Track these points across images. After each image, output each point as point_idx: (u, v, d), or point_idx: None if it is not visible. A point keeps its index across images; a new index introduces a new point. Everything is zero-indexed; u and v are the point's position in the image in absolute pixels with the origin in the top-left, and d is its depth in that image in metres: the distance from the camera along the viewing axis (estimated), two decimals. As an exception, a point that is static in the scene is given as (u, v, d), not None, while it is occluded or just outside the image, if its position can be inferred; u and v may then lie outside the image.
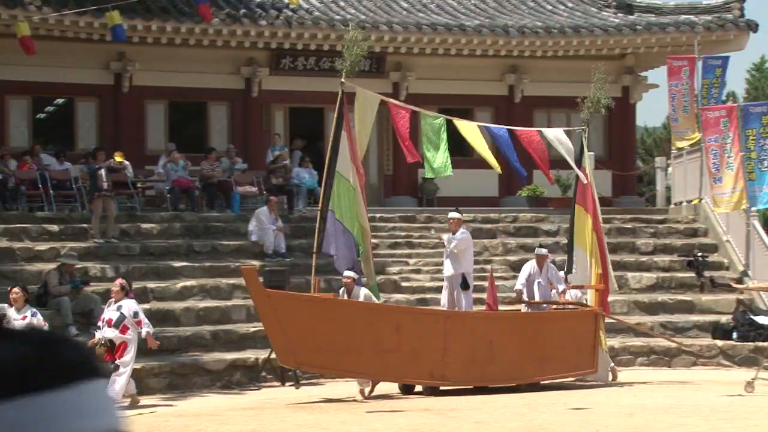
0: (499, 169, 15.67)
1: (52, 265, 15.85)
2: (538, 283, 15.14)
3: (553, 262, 16.11)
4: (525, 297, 15.25)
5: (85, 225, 18.04)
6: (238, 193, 20.70)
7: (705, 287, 17.84)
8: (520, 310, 15.57)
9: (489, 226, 21.06)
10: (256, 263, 17.44)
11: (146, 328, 12.73)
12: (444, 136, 14.34)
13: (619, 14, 25.72)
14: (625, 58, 25.60)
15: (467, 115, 25.90)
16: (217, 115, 23.61)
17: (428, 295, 17.75)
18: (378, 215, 21.19)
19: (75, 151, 21.85)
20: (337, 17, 23.29)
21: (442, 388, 13.65)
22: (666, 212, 23.02)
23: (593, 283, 15.10)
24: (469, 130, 14.90)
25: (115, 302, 12.78)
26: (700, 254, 18.06)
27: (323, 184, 13.52)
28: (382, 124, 22.52)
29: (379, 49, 23.72)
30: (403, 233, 20.21)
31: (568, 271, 15.34)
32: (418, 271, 19.00)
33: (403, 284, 18.08)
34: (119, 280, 13.25)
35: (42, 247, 16.99)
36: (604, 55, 25.11)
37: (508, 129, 15.49)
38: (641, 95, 26.65)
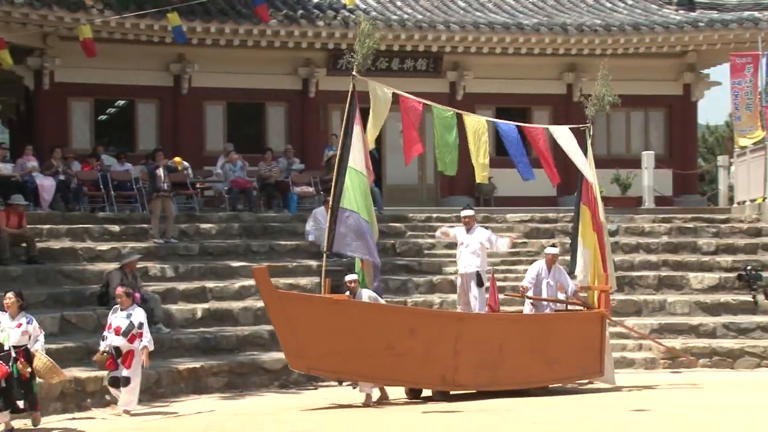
0: (486, 180, 14.97)
1: (114, 265, 16.05)
2: (547, 283, 14.71)
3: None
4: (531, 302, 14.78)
5: (145, 225, 18.25)
6: (295, 194, 20.80)
7: (758, 303, 17.47)
8: (522, 309, 15.18)
9: (546, 225, 20.89)
10: (313, 263, 17.49)
11: (145, 342, 12.20)
12: (455, 131, 13.83)
13: (681, 11, 25.36)
14: (687, 55, 25.22)
15: (525, 115, 25.79)
16: (274, 116, 23.76)
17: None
18: (434, 215, 21.15)
19: (135, 152, 22.16)
20: (394, 17, 23.29)
21: (452, 392, 13.10)
22: (728, 211, 22.62)
23: (595, 283, 14.68)
24: (476, 128, 14.15)
25: (122, 309, 12.41)
26: (750, 268, 17.70)
27: (334, 182, 13.00)
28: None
29: (436, 49, 23.68)
30: (460, 233, 20.05)
31: (572, 272, 14.99)
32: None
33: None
34: (120, 288, 12.81)
35: (103, 247, 17.22)
36: (665, 52, 24.80)
37: (516, 126, 14.89)
38: (703, 93, 26.23)
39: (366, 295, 12.99)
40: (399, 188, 23.28)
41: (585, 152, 15.13)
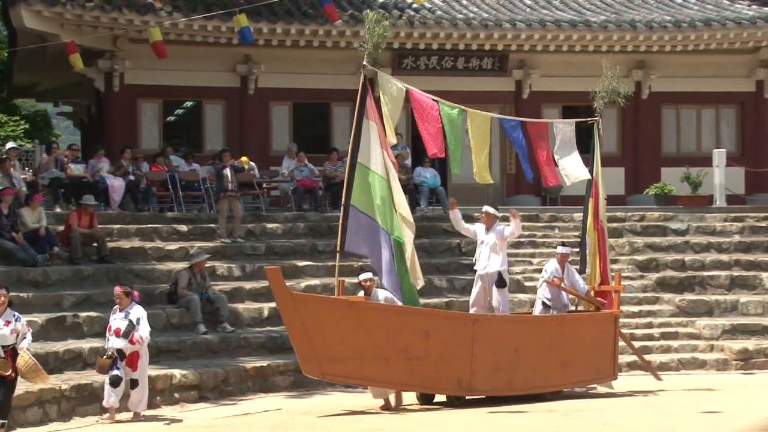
0: (487, 181, 13.74)
1: (182, 265, 16.23)
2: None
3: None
4: (547, 299, 14.25)
5: (212, 225, 18.43)
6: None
7: None
8: (531, 312, 14.74)
9: (615, 225, 20.61)
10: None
11: (139, 333, 11.61)
12: (461, 128, 13.17)
13: (753, 6, 24.85)
14: (760, 51, 24.70)
15: (591, 113, 25.47)
16: (339, 116, 23.81)
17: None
18: (500, 214, 20.97)
19: (203, 152, 22.40)
20: (460, 16, 23.19)
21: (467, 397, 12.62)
22: (803, 210, 22.11)
23: (593, 283, 14.23)
24: (479, 126, 13.46)
25: (121, 310, 11.79)
26: None
27: (346, 178, 12.45)
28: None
29: (501, 47, 23.53)
30: (527, 232, 19.93)
31: (582, 271, 14.56)
32: (541, 271, 18.69)
33: (527, 284, 17.85)
34: (117, 288, 12.04)
35: (172, 246, 17.42)
36: (737, 48, 24.32)
37: (521, 121, 14.30)
38: (776, 89, 25.68)
39: (382, 295, 12.42)
40: (465, 188, 23.12)
41: (593, 147, 14.63)
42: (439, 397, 12.80)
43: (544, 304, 14.30)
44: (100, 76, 22.15)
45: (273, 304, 16.29)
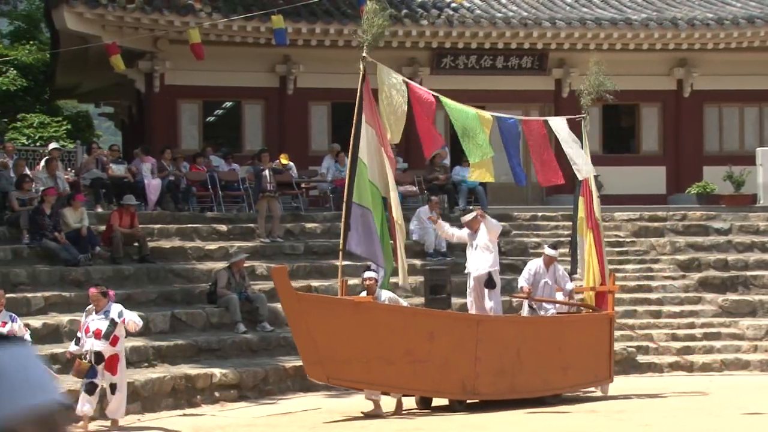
0: (480, 179, 13.68)
1: (222, 264, 16.31)
2: (545, 283, 13.87)
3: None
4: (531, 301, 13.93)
5: (251, 225, 18.50)
6: (399, 193, 20.76)
7: None
8: (521, 312, 14.46)
9: (656, 224, 20.43)
10: (417, 262, 17.47)
11: (130, 318, 11.12)
12: (472, 123, 12.93)
13: (798, 2, 24.53)
14: (804, 48, 24.35)
15: (632, 111, 25.33)
16: (378, 116, 23.76)
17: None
18: (540, 214, 20.91)
19: (242, 152, 22.50)
20: (499, 15, 23.09)
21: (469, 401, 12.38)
22: None
23: (590, 284, 13.93)
24: (482, 122, 13.06)
25: (98, 311, 11.05)
26: None
27: (347, 174, 12.17)
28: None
29: (541, 46, 23.40)
30: (566, 232, 19.78)
31: (573, 272, 14.29)
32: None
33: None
34: (93, 289, 11.34)
35: (212, 246, 17.51)
36: (780, 45, 23.99)
37: (516, 120, 13.97)
38: (822, 87, 25.30)
39: (385, 296, 12.19)
40: (504, 187, 23.05)
41: (582, 145, 14.32)
42: (439, 401, 12.47)
43: (530, 305, 13.97)
44: (140, 77, 22.33)
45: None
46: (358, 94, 12.27)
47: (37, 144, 24.26)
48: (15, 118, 28.24)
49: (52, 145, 19.81)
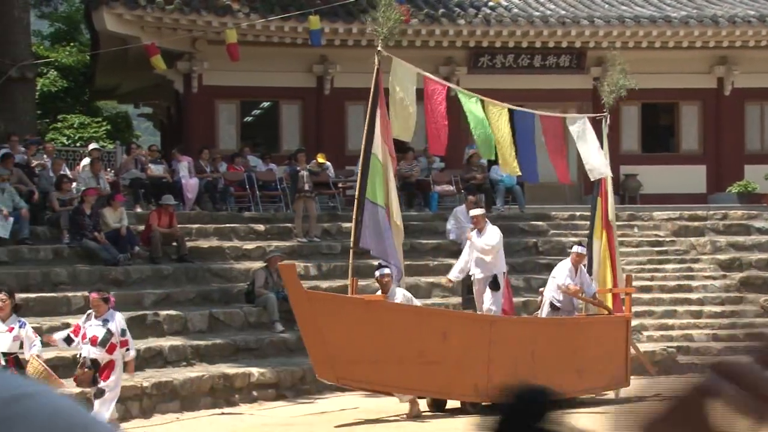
0: (518, 171, 13.62)
1: (259, 264, 16.37)
2: (575, 285, 13.58)
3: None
4: (558, 301, 13.68)
5: (289, 224, 18.55)
6: (436, 192, 20.76)
7: None
8: (538, 312, 14.17)
9: (696, 223, 20.21)
10: (455, 262, 17.38)
11: (132, 352, 10.75)
12: (483, 115, 12.93)
13: (841, -2, 24.16)
14: None
15: (672, 110, 25.09)
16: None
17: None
18: (578, 213, 20.76)
19: (279, 152, 22.56)
20: (536, 13, 22.97)
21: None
22: None
23: (605, 285, 13.73)
24: (497, 118, 13.05)
25: (97, 317, 10.53)
26: None
27: (360, 170, 11.86)
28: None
29: (579, 45, 23.24)
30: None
31: (588, 273, 13.99)
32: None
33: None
34: (94, 294, 10.76)
35: (249, 246, 17.57)
36: (824, 42, 23.65)
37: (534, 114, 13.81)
38: None
39: (401, 293, 11.96)
40: (542, 186, 22.90)
41: (601, 142, 14.16)
42: (452, 403, 12.33)
43: (553, 306, 13.74)
44: (179, 77, 22.47)
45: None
46: (372, 89, 12.14)
47: (77, 144, 24.51)
48: (56, 119, 28.57)
49: (92, 146, 20.00)
